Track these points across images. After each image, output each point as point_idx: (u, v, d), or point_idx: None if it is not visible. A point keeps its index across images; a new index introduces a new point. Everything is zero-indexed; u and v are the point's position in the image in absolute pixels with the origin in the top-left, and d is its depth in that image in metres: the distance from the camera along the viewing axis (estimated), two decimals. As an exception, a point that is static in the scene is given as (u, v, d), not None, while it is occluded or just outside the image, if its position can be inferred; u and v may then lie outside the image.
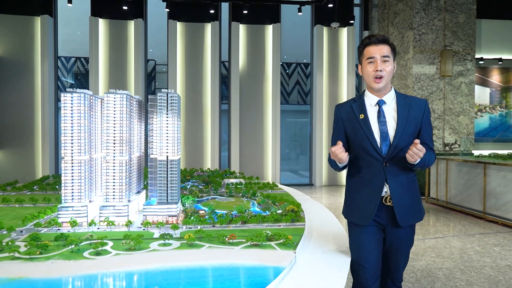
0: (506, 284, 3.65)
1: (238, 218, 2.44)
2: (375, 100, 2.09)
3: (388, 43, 2.05)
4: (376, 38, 2.04)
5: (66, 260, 1.74)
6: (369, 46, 2.05)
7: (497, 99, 9.75)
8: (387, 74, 2.03)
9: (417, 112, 2.07)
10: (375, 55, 2.02)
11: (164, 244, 1.99)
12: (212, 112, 9.65)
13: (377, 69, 2.01)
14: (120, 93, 2.41)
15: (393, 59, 2.06)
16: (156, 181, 2.48)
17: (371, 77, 2.04)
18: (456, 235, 5.43)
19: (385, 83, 2.05)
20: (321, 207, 3.27)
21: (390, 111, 2.08)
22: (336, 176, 10.25)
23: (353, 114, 2.11)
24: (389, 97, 2.10)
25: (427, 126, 2.11)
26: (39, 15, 8.86)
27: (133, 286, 1.56)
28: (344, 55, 10.21)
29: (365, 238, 2.06)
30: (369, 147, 2.02)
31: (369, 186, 2.05)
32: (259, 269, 1.72)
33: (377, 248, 2.07)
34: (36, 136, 8.92)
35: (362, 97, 2.15)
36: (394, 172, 2.02)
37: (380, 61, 2.01)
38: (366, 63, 2.07)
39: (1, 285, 1.48)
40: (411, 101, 2.09)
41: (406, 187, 2.05)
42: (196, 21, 9.62)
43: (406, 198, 2.04)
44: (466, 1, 8.47)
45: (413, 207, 2.07)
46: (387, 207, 2.04)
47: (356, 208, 2.10)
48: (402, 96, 2.12)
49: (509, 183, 5.87)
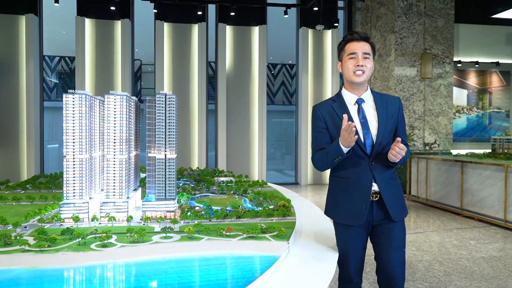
0: (480, 273, 3.91)
1: (233, 213, 2.59)
2: (354, 99, 2.12)
3: (369, 42, 2.10)
4: (359, 35, 2.07)
5: (75, 251, 1.85)
6: (351, 42, 2.08)
7: (474, 101, 10.17)
8: (368, 70, 2.07)
9: (394, 109, 2.14)
10: (356, 51, 2.05)
11: (166, 237, 2.11)
12: (199, 112, 9.74)
13: (358, 64, 2.04)
14: (120, 94, 2.52)
15: (373, 58, 2.11)
16: (154, 178, 2.60)
17: (351, 71, 2.07)
18: (435, 230, 5.70)
19: (365, 78, 2.08)
20: (309, 203, 3.44)
21: (370, 110, 2.12)
22: (321, 175, 10.49)
23: (335, 114, 2.11)
24: (366, 95, 2.14)
25: (402, 122, 2.18)
26: (24, 14, 8.78)
27: (141, 274, 1.69)
28: (329, 57, 10.46)
29: (352, 237, 2.10)
30: (355, 147, 2.03)
31: (357, 186, 2.07)
32: (256, 258, 1.86)
33: (362, 245, 2.14)
34: (21, 136, 8.84)
35: (340, 96, 2.16)
36: (379, 170, 2.06)
37: (362, 57, 2.05)
38: (347, 59, 2.09)
39: (18, 274, 1.59)
40: (387, 99, 2.16)
41: (391, 183, 2.10)
42: (183, 22, 9.70)
43: (392, 193, 2.09)
44: (444, 6, 8.83)
45: (400, 202, 2.13)
46: (374, 203, 2.07)
47: (346, 209, 2.10)
48: (378, 94, 2.17)
49: (484, 181, 6.19)
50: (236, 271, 1.69)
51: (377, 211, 2.09)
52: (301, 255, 2.02)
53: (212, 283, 1.55)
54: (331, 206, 2.21)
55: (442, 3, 8.80)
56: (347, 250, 2.12)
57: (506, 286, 3.61)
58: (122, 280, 1.63)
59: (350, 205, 2.09)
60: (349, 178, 2.10)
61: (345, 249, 2.13)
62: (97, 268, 1.71)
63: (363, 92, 2.14)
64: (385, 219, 2.09)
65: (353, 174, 2.09)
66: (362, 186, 2.06)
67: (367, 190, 2.05)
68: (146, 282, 1.58)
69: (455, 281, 3.71)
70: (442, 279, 3.75)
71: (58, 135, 12.50)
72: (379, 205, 2.08)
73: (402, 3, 8.64)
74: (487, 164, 6.11)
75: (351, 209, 2.08)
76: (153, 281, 1.59)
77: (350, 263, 2.13)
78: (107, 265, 1.73)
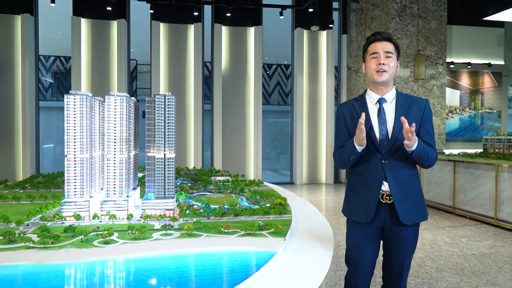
0: (470, 270, 4.01)
1: (230, 211, 2.65)
2: (376, 98, 2.12)
3: (392, 41, 2.10)
4: (381, 35, 2.09)
5: (79, 248, 1.91)
6: (373, 43, 2.10)
7: (467, 101, 10.32)
8: (390, 69, 2.06)
9: (417, 110, 2.10)
10: (378, 50, 2.06)
11: (166, 234, 2.17)
12: (195, 112, 9.79)
13: (380, 63, 2.05)
14: (120, 95, 2.58)
15: (396, 58, 2.10)
16: (154, 177, 2.66)
17: (373, 70, 2.07)
18: (428, 228, 5.81)
19: (388, 77, 2.07)
20: (305, 202, 3.52)
21: (390, 109, 2.11)
22: (316, 175, 10.59)
23: (355, 112, 2.14)
24: (390, 95, 2.13)
25: (427, 124, 2.12)
26: (20, 13, 8.78)
27: (143, 269, 1.75)
28: (324, 57, 10.56)
29: (362, 237, 2.13)
30: (369, 144, 2.05)
31: (368, 184, 2.08)
32: (254, 253, 1.93)
33: (373, 248, 2.14)
34: (17, 136, 8.83)
35: (363, 96, 2.19)
36: (393, 169, 2.04)
37: (384, 56, 2.05)
38: (370, 58, 2.10)
39: (26, 269, 1.64)
40: (411, 100, 2.12)
41: (407, 185, 2.06)
42: (179, 22, 9.74)
43: (407, 195, 2.04)
44: (437, 8, 8.96)
45: (415, 205, 2.07)
46: (386, 205, 2.06)
47: (356, 206, 2.14)
48: (403, 95, 2.15)
49: (475, 180, 6.31)
50: (235, 266, 1.76)
51: (390, 214, 2.07)
52: (297, 250, 2.09)
53: (211, 277, 1.62)
54: (345, 202, 2.26)
55: (435, 5, 8.93)
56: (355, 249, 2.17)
57: (495, 281, 3.72)
58: (125, 275, 1.69)
59: (359, 202, 2.12)
60: (362, 175, 2.13)
61: (353, 248, 2.18)
62: (100, 264, 1.77)
63: (387, 92, 2.14)
64: (397, 222, 2.06)
65: (365, 172, 2.11)
66: (372, 184, 2.07)
67: (376, 187, 2.06)
68: (148, 277, 1.64)
69: (447, 277, 3.81)
70: (434, 275, 3.85)
71: (53, 135, 12.48)
72: (392, 208, 2.05)
73: (396, 5, 8.76)
74: (479, 163, 6.23)
75: (361, 206, 2.11)
76: (154, 276, 1.65)
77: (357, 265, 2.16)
78: (110, 261, 1.79)
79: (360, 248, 2.16)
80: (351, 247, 2.23)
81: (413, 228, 2.11)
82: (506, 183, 5.70)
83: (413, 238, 2.13)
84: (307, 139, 10.55)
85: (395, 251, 2.13)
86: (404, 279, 2.16)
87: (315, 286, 1.64)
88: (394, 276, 2.17)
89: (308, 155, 10.58)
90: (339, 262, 4.11)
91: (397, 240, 2.11)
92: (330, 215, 6.70)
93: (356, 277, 2.18)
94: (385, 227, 2.12)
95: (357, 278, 2.18)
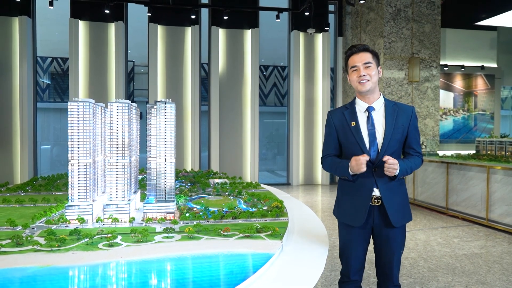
0: (461, 269, 4.13)
1: (229, 214, 2.75)
2: (365, 107, 2.20)
3: (369, 51, 2.19)
4: (357, 48, 2.19)
5: (84, 251, 1.99)
6: (351, 56, 2.20)
7: (460, 103, 10.47)
8: (372, 78, 2.15)
9: (404, 118, 2.19)
10: (357, 63, 2.16)
11: (167, 237, 2.26)
12: (192, 114, 9.87)
13: (360, 75, 2.15)
14: (122, 102, 2.67)
15: (376, 65, 2.19)
16: (155, 181, 2.74)
17: (356, 82, 2.17)
18: (421, 229, 5.93)
19: (371, 85, 2.16)
20: (301, 204, 3.62)
21: (379, 118, 2.19)
22: (312, 176, 10.70)
23: (345, 121, 2.23)
24: (378, 103, 2.21)
25: (413, 131, 2.22)
26: (17, 15, 8.81)
27: (146, 271, 1.84)
28: (320, 59, 10.67)
29: (353, 237, 2.27)
30: (359, 153, 2.13)
31: (360, 190, 2.18)
32: (252, 255, 2.02)
33: (363, 246, 2.29)
34: (15, 137, 8.87)
35: (353, 104, 2.26)
36: (383, 176, 2.14)
37: (363, 68, 2.15)
38: (351, 72, 2.21)
39: (34, 272, 1.73)
40: (399, 108, 2.21)
41: (395, 190, 2.18)
42: (176, 24, 9.81)
43: (396, 200, 2.17)
44: (431, 12, 9.10)
45: (403, 208, 2.21)
46: (375, 207, 2.18)
47: (347, 209, 2.25)
48: (391, 103, 2.23)
49: (468, 181, 6.44)
50: (233, 268, 1.85)
51: (378, 216, 2.20)
52: (294, 252, 2.19)
53: (211, 278, 1.71)
54: (336, 205, 2.38)
55: (429, 9, 9.06)
56: (347, 248, 2.32)
57: (485, 281, 3.84)
58: (129, 277, 1.78)
59: (351, 206, 2.23)
60: (354, 182, 2.21)
61: (345, 247, 2.33)
62: (106, 266, 1.85)
63: (374, 100, 2.22)
64: (386, 223, 2.19)
65: (357, 179, 2.19)
66: (364, 190, 2.17)
67: (368, 194, 2.17)
68: (151, 279, 1.73)
69: (438, 276, 3.93)
70: (426, 275, 3.96)
71: (50, 136, 12.50)
72: (381, 210, 2.19)
73: (391, 9, 8.88)
74: (471, 165, 6.36)
75: (352, 210, 2.22)
76: (157, 278, 1.74)
77: (349, 261, 2.32)
78: (115, 263, 1.88)
79: (351, 248, 2.31)
80: (343, 246, 2.39)
81: (401, 228, 2.24)
82: (497, 184, 5.83)
83: (401, 237, 2.26)
84: (303, 140, 10.66)
85: (385, 251, 2.27)
86: (395, 273, 2.30)
87: (311, 286, 1.73)
88: (387, 271, 2.31)
89: (304, 156, 10.69)
90: (334, 263, 4.21)
91: (386, 240, 2.25)
92: (325, 216, 6.81)
93: (349, 271, 2.34)
94: (375, 228, 2.25)
95: (350, 272, 2.34)
